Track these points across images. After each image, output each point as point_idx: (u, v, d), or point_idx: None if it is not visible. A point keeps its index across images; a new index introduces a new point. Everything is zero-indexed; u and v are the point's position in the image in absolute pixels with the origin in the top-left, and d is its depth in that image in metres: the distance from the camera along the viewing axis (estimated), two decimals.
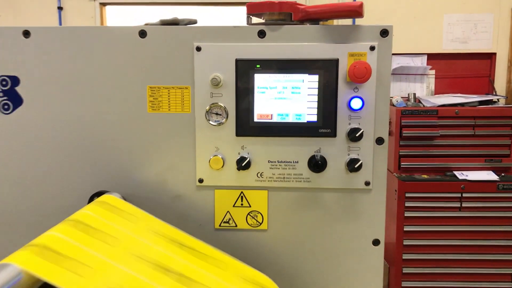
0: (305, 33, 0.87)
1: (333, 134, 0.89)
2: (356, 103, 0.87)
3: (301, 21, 0.89)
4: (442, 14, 3.14)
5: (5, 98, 0.91)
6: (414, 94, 2.96)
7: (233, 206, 0.93)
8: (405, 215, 2.71)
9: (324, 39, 0.87)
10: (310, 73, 0.87)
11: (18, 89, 0.91)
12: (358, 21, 3.08)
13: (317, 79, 0.87)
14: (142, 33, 0.89)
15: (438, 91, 3.12)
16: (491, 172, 2.73)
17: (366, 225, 0.91)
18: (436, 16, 3.14)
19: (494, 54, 3.12)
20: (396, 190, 2.72)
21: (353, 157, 0.88)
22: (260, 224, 0.93)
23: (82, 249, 0.63)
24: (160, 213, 0.88)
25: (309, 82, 0.87)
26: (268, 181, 0.91)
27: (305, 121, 0.88)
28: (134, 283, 0.62)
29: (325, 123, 0.88)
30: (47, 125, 0.92)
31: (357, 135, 0.87)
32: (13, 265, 0.54)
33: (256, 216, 0.93)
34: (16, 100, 0.91)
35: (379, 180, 0.90)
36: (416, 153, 2.78)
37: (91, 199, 0.87)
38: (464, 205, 2.69)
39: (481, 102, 2.84)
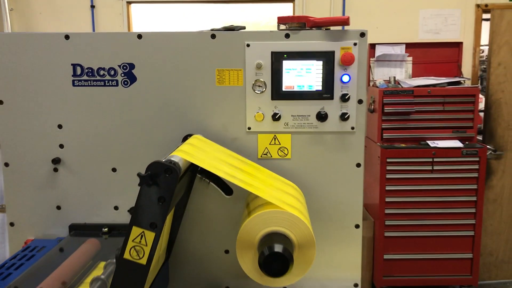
0: (313, 35, 1.41)
1: (331, 97, 1.43)
2: (345, 78, 1.42)
3: (311, 28, 1.44)
4: (418, 9, 3.69)
5: (125, 77, 1.45)
6: (394, 77, 3.51)
7: (269, 144, 1.47)
8: (387, 176, 3.29)
9: (326, 39, 1.41)
10: (317, 60, 1.42)
11: (133, 71, 1.45)
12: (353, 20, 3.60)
13: (321, 64, 1.42)
14: (213, 36, 1.42)
15: (415, 74, 3.68)
16: (457, 141, 3.31)
17: (352, 154, 1.47)
18: (413, 12, 3.69)
19: (461, 43, 3.68)
20: (379, 156, 3.29)
21: (344, 112, 1.43)
22: (286, 155, 1.48)
23: (195, 150, 1.18)
24: None
25: (317, 65, 1.42)
26: (291, 128, 1.46)
27: (314, 90, 1.43)
28: (225, 167, 1.17)
29: (326, 90, 1.43)
30: (152, 94, 1.45)
31: (346, 97, 1.42)
32: (176, 155, 1.09)
33: (284, 150, 1.48)
34: (132, 78, 1.45)
35: (360, 126, 1.45)
36: (396, 126, 3.35)
37: (185, 138, 1.42)
38: (435, 168, 3.27)
39: (450, 83, 3.41)
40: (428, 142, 3.30)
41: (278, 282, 1.10)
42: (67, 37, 1.43)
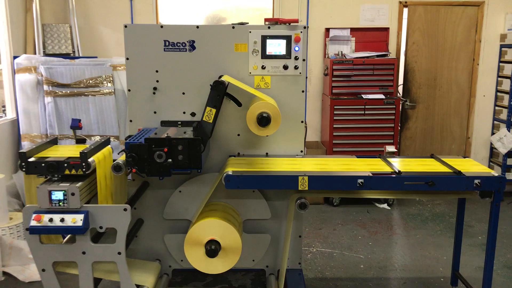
0: (282, 27, 2.95)
1: (290, 58, 2.98)
2: (296, 48, 2.97)
3: (280, 23, 2.98)
4: (359, 4, 5.25)
5: (190, 47, 2.96)
6: (342, 51, 5.08)
7: (260, 81, 3.01)
8: (334, 118, 4.89)
9: (287, 29, 2.95)
10: (283, 39, 2.96)
11: (194, 44, 2.96)
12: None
13: (285, 41, 2.96)
14: (233, 27, 2.95)
15: (357, 50, 5.25)
16: (381, 95, 4.92)
17: (299, 86, 3.02)
18: (356, 5, 5.26)
19: (389, 28, 5.26)
20: (329, 105, 4.89)
21: (295, 65, 2.98)
22: (268, 86, 3.02)
23: (228, 79, 2.73)
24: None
25: (283, 42, 2.96)
26: (271, 72, 3.00)
27: (282, 54, 2.97)
28: (242, 86, 2.73)
29: (287, 54, 2.97)
30: (203, 56, 2.96)
31: (296, 58, 2.97)
32: (222, 79, 2.64)
33: (267, 84, 3.01)
34: (193, 48, 2.97)
35: (303, 72, 3.01)
36: (341, 85, 4.94)
37: (219, 77, 2.95)
38: (366, 112, 4.89)
39: (378, 55, 5.00)
40: (362, 95, 4.90)
41: (265, 131, 2.67)
42: (161, 26, 2.95)
